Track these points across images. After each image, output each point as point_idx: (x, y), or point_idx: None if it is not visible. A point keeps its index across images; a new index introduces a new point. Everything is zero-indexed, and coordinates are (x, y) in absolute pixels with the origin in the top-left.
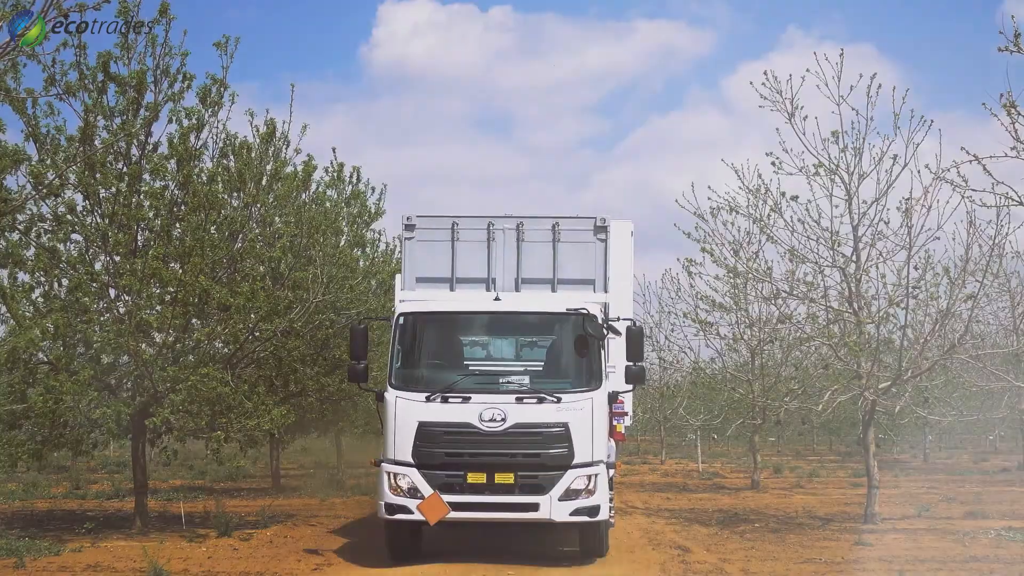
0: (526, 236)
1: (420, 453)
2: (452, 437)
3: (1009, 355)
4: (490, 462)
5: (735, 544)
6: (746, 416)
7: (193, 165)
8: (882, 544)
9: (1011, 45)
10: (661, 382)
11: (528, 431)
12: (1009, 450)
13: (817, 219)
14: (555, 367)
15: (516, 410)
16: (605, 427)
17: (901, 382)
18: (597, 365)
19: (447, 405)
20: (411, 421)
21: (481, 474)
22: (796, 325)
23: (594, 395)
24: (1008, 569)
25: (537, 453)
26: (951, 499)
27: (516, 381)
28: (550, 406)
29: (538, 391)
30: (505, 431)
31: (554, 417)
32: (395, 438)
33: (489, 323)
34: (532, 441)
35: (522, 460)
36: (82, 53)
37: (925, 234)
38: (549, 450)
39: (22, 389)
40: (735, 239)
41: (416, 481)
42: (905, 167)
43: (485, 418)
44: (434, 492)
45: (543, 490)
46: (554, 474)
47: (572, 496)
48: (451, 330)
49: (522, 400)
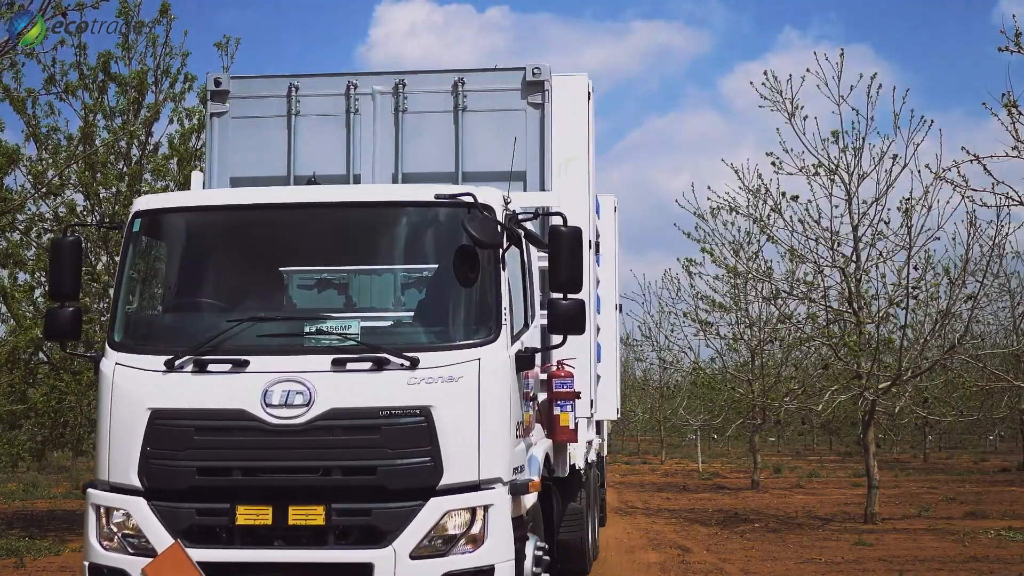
0: (410, 104)
1: (152, 469)
2: (211, 438)
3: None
4: (281, 484)
5: (735, 544)
6: (746, 416)
7: (194, 165)
8: (882, 544)
9: (1011, 44)
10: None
11: (353, 424)
12: (1009, 450)
13: (817, 219)
14: (425, 310)
15: (332, 385)
16: (507, 416)
17: (901, 382)
18: (492, 300)
19: (204, 378)
20: (138, 409)
21: (263, 508)
22: (796, 325)
23: (484, 354)
24: (1008, 569)
25: (370, 467)
26: (951, 499)
27: (338, 331)
28: (396, 376)
29: (375, 348)
30: (310, 424)
31: (404, 397)
32: (110, 441)
33: (299, 229)
34: (361, 443)
35: (341, 480)
36: (82, 53)
37: (925, 234)
38: (394, 460)
39: (22, 389)
40: (735, 239)
41: (142, 521)
42: (905, 167)
43: (273, 400)
44: (175, 543)
45: (381, 538)
46: (403, 507)
47: (439, 548)
48: (235, 246)
49: (344, 366)
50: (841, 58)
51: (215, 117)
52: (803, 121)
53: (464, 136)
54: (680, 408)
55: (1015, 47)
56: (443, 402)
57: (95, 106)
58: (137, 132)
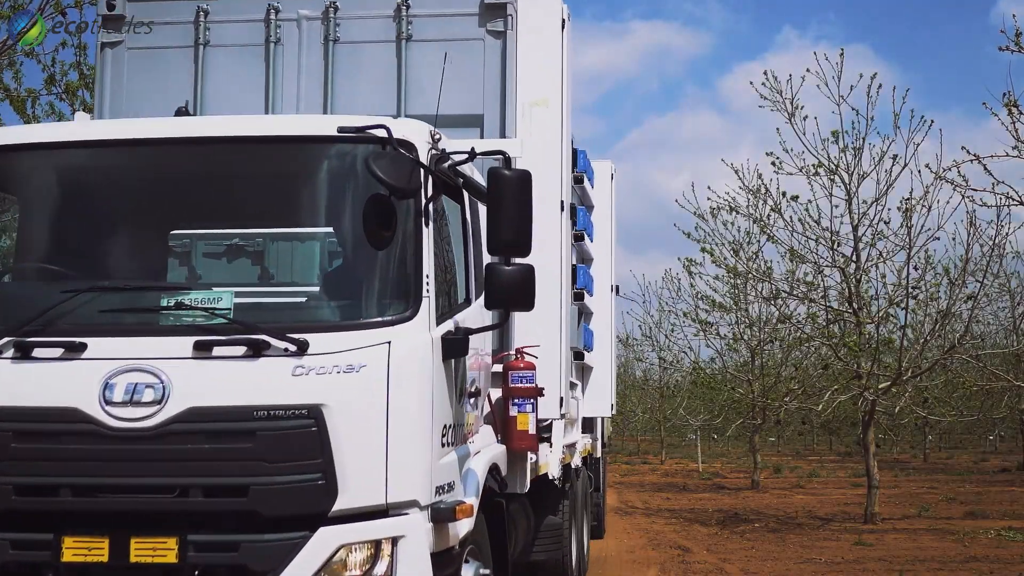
0: (343, 32)
1: None
2: (33, 446)
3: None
4: (123, 508)
5: (735, 544)
6: (746, 416)
7: None
8: (882, 544)
9: (1012, 44)
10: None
11: (219, 429)
12: (1009, 450)
13: (817, 219)
14: (327, 281)
15: (193, 376)
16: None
17: (901, 382)
18: (410, 266)
19: (27, 366)
20: None
21: (98, 540)
22: (796, 325)
23: (396, 336)
24: (1008, 569)
25: (240, 485)
26: (951, 499)
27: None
28: (278, 365)
29: (250, 328)
30: (163, 428)
31: (287, 392)
32: None
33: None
34: (229, 454)
35: (201, 503)
36: (82, 53)
37: (925, 234)
38: (272, 477)
39: None
40: (735, 239)
41: None
42: (905, 167)
43: (115, 396)
44: None
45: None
46: (282, 540)
47: None
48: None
49: (210, 351)
50: (841, 58)
51: (107, 48)
52: (803, 121)
53: (408, 71)
54: (680, 408)
55: (1015, 47)
56: (339, 399)
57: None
58: None
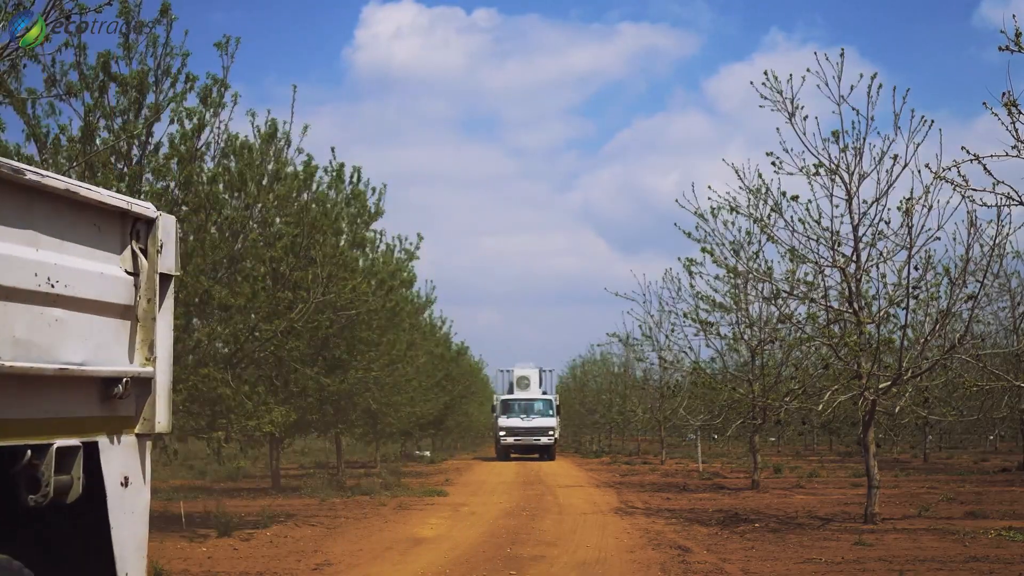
0: None
1: None
2: None
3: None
4: None
5: (735, 544)
6: (746, 416)
7: (196, 165)
8: (882, 544)
9: (1012, 44)
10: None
11: None
12: (1009, 450)
13: (817, 219)
14: None
15: None
16: None
17: (901, 382)
18: None
19: None
20: None
21: None
22: (796, 325)
23: None
24: (1008, 569)
25: None
26: (951, 499)
27: None
28: None
29: None
30: None
31: None
32: None
33: None
34: None
35: None
36: (82, 53)
37: (925, 234)
38: None
39: None
40: (735, 239)
41: None
42: (905, 167)
43: None
44: None
45: None
46: None
47: None
48: None
49: None
50: (841, 58)
51: None
52: (803, 121)
53: None
54: (680, 408)
55: (1015, 47)
56: None
57: (95, 106)
58: (139, 132)
